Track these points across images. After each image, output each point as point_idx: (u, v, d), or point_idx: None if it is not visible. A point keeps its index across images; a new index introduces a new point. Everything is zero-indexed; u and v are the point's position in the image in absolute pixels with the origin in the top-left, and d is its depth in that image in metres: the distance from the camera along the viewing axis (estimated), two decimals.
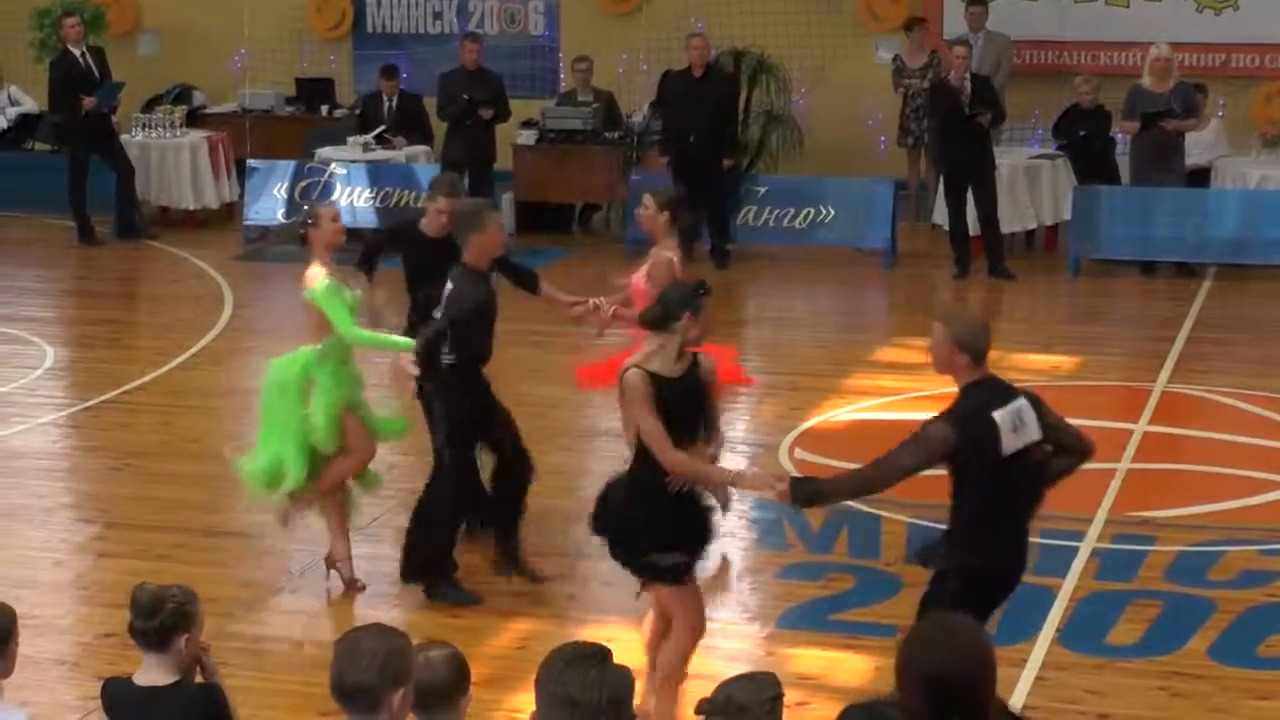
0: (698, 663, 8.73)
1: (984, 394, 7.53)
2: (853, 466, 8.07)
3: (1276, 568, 10.37)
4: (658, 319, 8.07)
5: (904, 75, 20.39)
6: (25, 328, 16.17)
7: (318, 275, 9.96)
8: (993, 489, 7.45)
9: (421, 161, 20.22)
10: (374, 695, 5.04)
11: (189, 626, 6.02)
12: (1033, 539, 10.55)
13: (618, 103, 20.69)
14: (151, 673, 6.04)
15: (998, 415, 7.42)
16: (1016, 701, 8.59)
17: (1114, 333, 16.26)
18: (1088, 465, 11.32)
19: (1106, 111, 18.99)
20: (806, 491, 7.65)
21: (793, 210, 19.13)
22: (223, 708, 6.05)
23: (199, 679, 6.14)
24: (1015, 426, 7.48)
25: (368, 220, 19.96)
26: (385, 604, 10.01)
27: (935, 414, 7.49)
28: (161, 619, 5.99)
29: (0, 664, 6.04)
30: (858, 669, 9.02)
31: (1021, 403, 7.54)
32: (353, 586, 10.10)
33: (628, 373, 7.97)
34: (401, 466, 11.93)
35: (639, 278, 10.56)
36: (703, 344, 8.40)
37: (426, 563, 10.03)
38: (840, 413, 13.53)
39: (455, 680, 5.32)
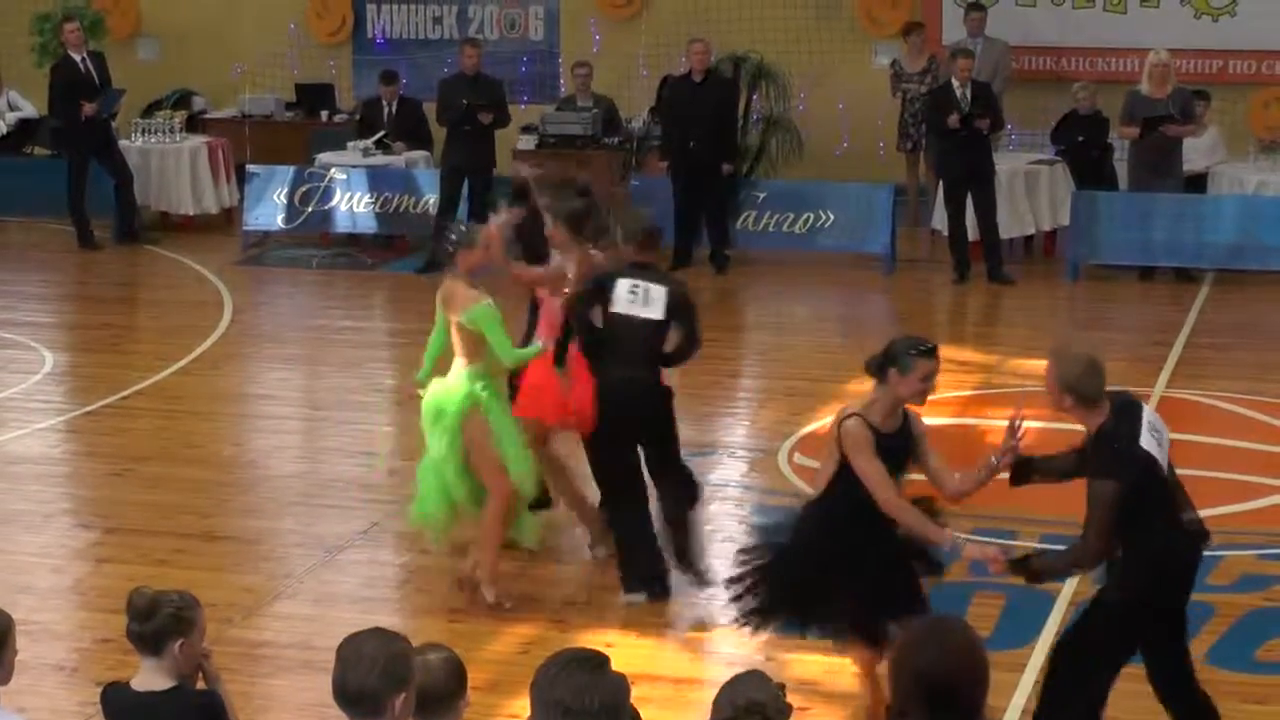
0: (698, 666, 8.76)
1: (1119, 429, 7.55)
2: None
3: (1275, 572, 10.38)
4: (877, 367, 8.13)
5: (902, 80, 20.41)
6: (24, 333, 16.17)
7: (476, 297, 9.77)
8: (1158, 511, 7.52)
9: (421, 167, 20.24)
10: (377, 699, 5.07)
11: (185, 631, 6.01)
12: (1033, 543, 10.65)
13: (617, 108, 20.69)
14: (149, 678, 6.04)
15: (1144, 442, 7.49)
16: (1016, 705, 8.60)
17: (1112, 338, 16.24)
18: None
19: (1104, 117, 19.00)
20: (1028, 572, 7.82)
21: (792, 215, 19.13)
22: (221, 714, 6.05)
23: (201, 685, 6.14)
24: (1158, 439, 7.60)
25: (367, 226, 19.99)
26: (386, 609, 10.02)
27: (1094, 471, 7.51)
28: (156, 623, 5.99)
29: None
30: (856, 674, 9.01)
31: (1150, 415, 7.65)
32: (499, 606, 9.91)
33: (849, 421, 8.02)
34: (405, 470, 11.95)
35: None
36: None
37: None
38: None
39: (453, 683, 5.33)
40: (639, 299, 9.99)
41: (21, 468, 12.55)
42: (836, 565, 8.09)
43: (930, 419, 9.92)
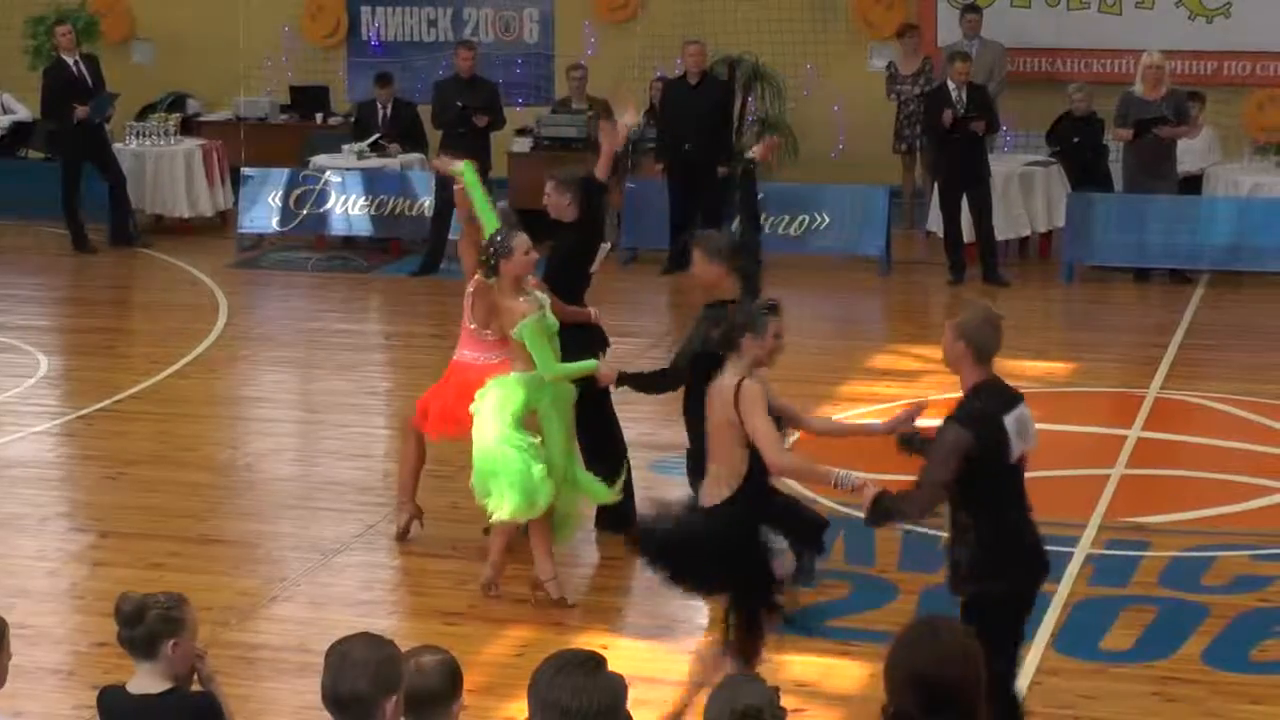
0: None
1: (990, 396, 7.49)
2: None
3: (1270, 573, 10.38)
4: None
5: (896, 81, 20.42)
6: (19, 336, 16.16)
7: (521, 310, 9.75)
8: (1002, 494, 7.44)
9: (416, 169, 20.24)
10: (367, 704, 5.07)
11: (176, 632, 6.00)
12: None
13: (612, 110, 20.67)
14: (144, 680, 6.03)
15: (1007, 420, 7.41)
16: None
17: (1108, 339, 16.26)
18: (1082, 471, 11.34)
19: (1099, 119, 19.01)
20: (877, 511, 7.67)
21: (788, 217, 19.13)
22: (219, 715, 6.05)
23: (196, 686, 6.14)
24: (1022, 432, 7.48)
25: (362, 229, 19.99)
26: (382, 611, 10.02)
27: (953, 416, 7.44)
28: (147, 626, 5.98)
29: None
30: (853, 675, 9.03)
31: (1024, 410, 7.53)
32: (562, 604, 9.93)
33: (746, 382, 7.99)
34: (397, 474, 11.95)
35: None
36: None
37: None
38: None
39: (447, 686, 5.33)
40: None
41: (17, 471, 12.54)
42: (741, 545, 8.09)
43: (924, 421, 9.94)
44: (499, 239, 9.93)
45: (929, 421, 7.90)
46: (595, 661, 4.82)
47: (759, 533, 8.21)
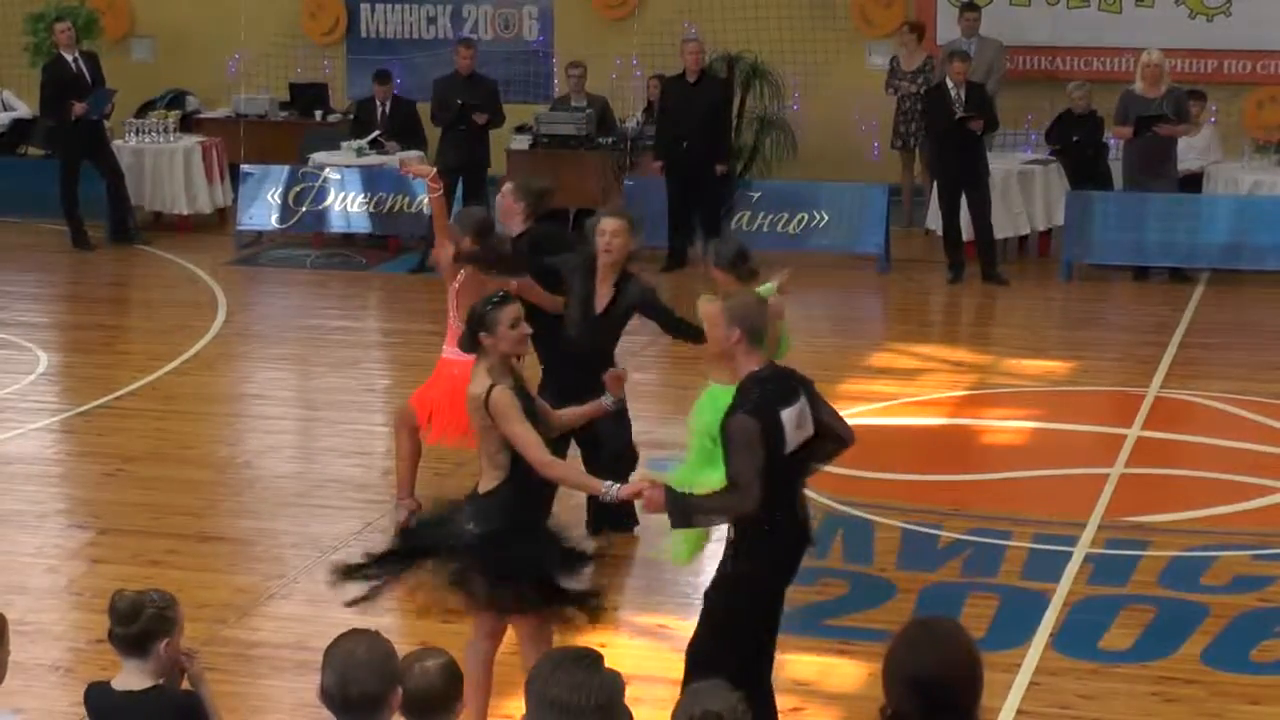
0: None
1: (769, 387, 7.49)
2: (843, 472, 8.03)
3: (1269, 572, 10.37)
4: (466, 342, 7.93)
5: (896, 76, 20.44)
6: (18, 333, 16.16)
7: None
8: (773, 488, 7.38)
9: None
10: (377, 701, 5.11)
11: (169, 631, 6.02)
12: (1026, 544, 10.65)
13: (611, 108, 20.69)
14: (130, 677, 6.04)
15: (784, 414, 7.43)
16: (1011, 706, 8.60)
17: (1107, 338, 16.26)
18: (1082, 470, 11.34)
19: (1099, 117, 19.01)
20: (678, 511, 7.57)
21: (786, 215, 19.13)
22: (200, 715, 6.05)
23: (185, 685, 6.14)
24: (800, 424, 7.54)
25: (361, 226, 19.98)
26: (381, 610, 9.99)
27: (737, 408, 7.40)
28: (142, 624, 5.99)
29: None
30: (851, 674, 9.02)
31: (803, 402, 7.58)
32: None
33: (495, 391, 7.74)
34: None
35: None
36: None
37: None
38: None
39: (450, 689, 5.35)
40: None
41: (15, 468, 12.53)
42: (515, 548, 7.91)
43: (925, 420, 9.94)
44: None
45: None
46: (593, 658, 4.82)
47: (519, 531, 7.94)
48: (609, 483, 7.89)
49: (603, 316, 10.38)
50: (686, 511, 7.60)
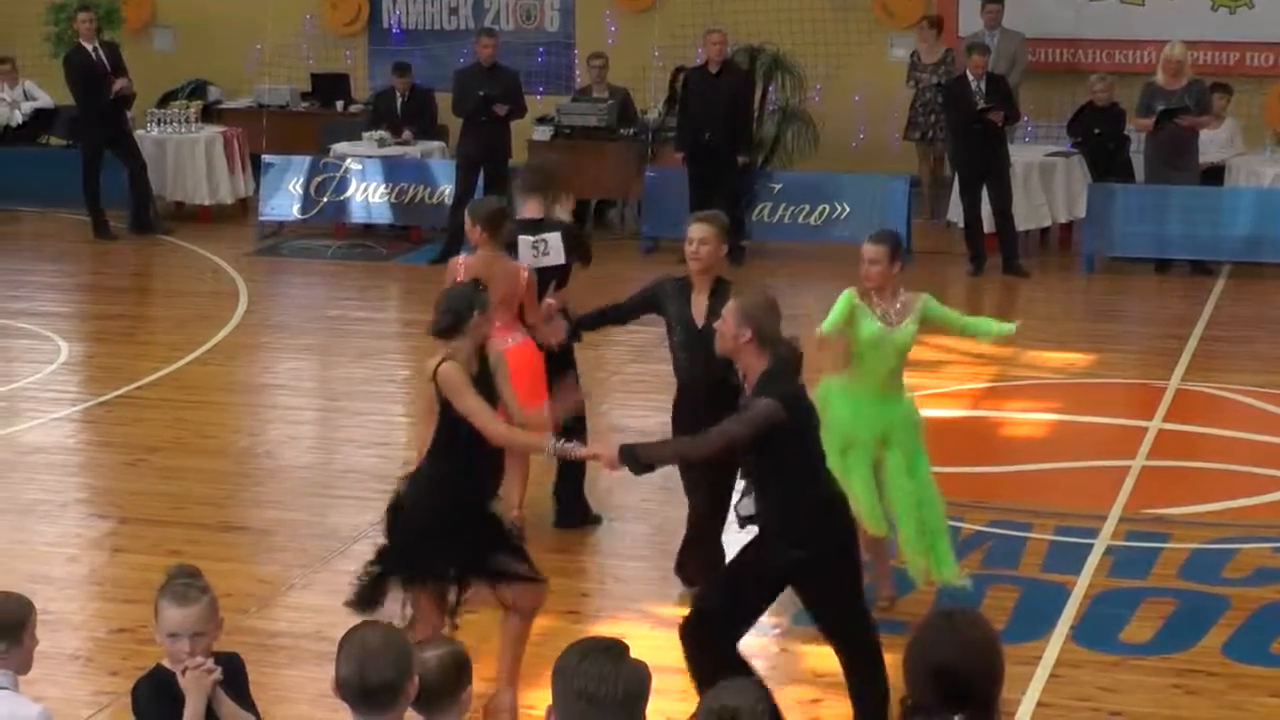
0: None
1: (791, 375, 7.72)
2: None
3: None
4: (449, 327, 8.01)
5: (917, 69, 20.42)
6: (40, 323, 16.19)
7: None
8: (811, 473, 7.69)
9: (436, 157, 20.25)
10: (396, 690, 5.11)
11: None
12: (1047, 536, 10.64)
13: (633, 99, 20.68)
14: None
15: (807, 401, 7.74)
16: (1031, 698, 8.59)
17: (1128, 330, 16.24)
18: (1103, 462, 11.33)
19: (1121, 109, 18.98)
20: (633, 457, 7.81)
21: (807, 207, 19.13)
22: (241, 677, 6.03)
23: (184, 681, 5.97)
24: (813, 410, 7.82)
25: (382, 217, 20.00)
26: (399, 600, 9.99)
27: (762, 391, 7.60)
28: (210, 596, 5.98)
29: (14, 655, 6.03)
30: None
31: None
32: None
33: (443, 366, 7.91)
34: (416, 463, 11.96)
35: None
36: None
37: None
38: None
39: (449, 679, 5.35)
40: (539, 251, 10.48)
41: (37, 457, 12.56)
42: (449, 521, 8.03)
43: (946, 411, 9.94)
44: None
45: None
46: (620, 649, 4.83)
47: (457, 498, 8.08)
48: (552, 438, 8.12)
49: (707, 330, 9.74)
50: (644, 460, 7.88)
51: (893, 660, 8.75)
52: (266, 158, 20.46)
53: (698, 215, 9.93)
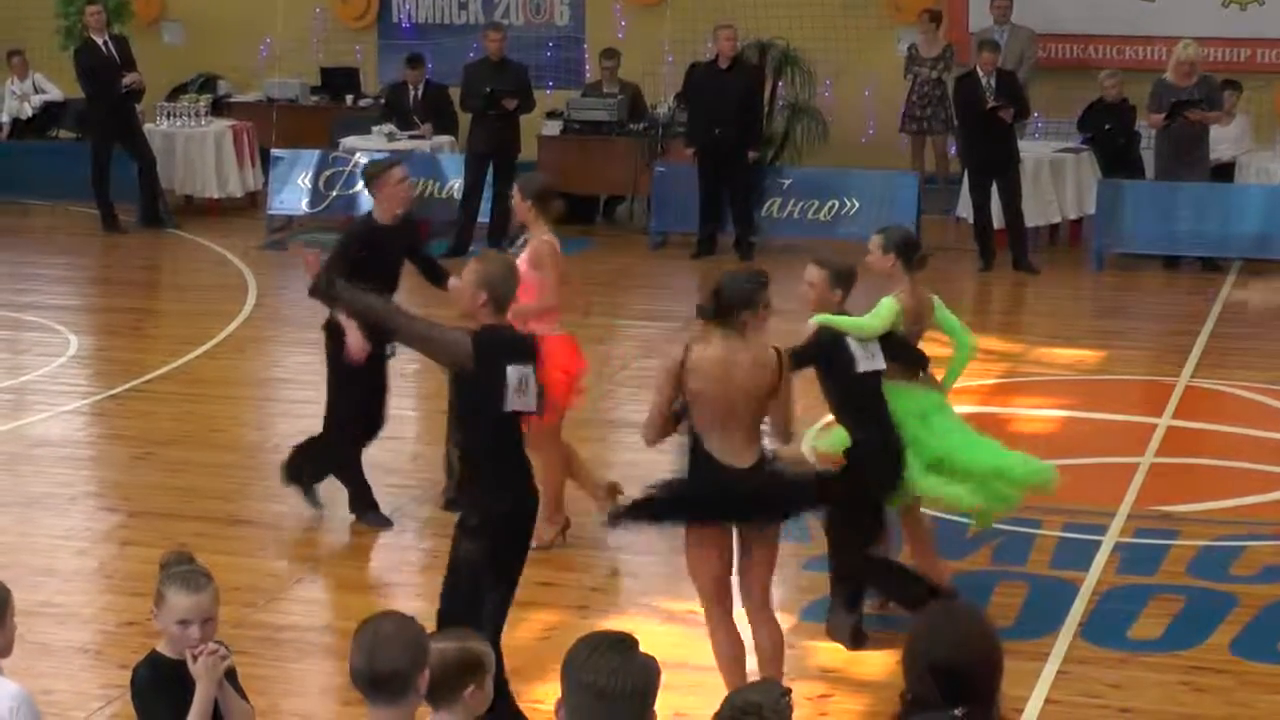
0: None
1: (503, 342, 7.95)
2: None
3: None
4: (714, 311, 8.04)
5: (915, 63, 20.44)
6: (49, 316, 16.21)
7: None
8: (496, 438, 7.91)
9: (446, 151, 20.25)
10: (405, 679, 5.11)
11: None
12: (1056, 533, 10.63)
13: (643, 94, 20.68)
14: None
15: (510, 369, 7.85)
16: (1039, 694, 8.59)
17: (1138, 327, 16.23)
18: (1112, 459, 11.29)
19: (1131, 105, 18.96)
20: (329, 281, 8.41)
21: (817, 202, 19.13)
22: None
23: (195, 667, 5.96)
24: (520, 389, 7.88)
25: None
26: (409, 593, 10.01)
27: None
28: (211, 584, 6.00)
29: None
30: (879, 662, 9.00)
31: (529, 369, 7.95)
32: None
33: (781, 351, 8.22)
34: (426, 456, 11.97)
35: (522, 265, 10.27)
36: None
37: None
38: None
39: (450, 672, 5.34)
40: None
41: (46, 451, 12.57)
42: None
43: (955, 407, 9.94)
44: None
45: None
46: (629, 643, 4.83)
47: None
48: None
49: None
50: (340, 292, 8.94)
51: (898, 656, 8.76)
52: (275, 152, 20.48)
53: (816, 255, 10.08)
